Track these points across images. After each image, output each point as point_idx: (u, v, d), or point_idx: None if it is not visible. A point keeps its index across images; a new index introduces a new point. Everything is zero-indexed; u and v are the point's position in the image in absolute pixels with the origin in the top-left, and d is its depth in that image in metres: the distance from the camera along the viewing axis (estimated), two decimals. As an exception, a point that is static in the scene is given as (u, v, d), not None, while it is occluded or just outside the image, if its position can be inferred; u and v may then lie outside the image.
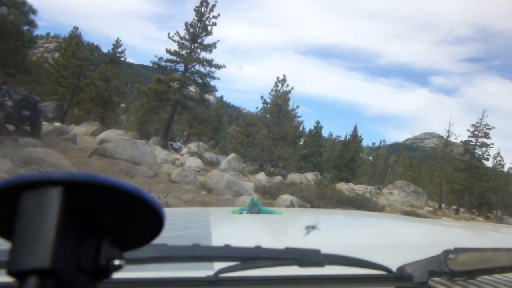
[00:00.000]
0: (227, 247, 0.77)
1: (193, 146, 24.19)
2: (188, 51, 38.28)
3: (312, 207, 10.65)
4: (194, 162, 20.06)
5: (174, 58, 38.17)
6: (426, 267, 0.91)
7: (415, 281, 0.89)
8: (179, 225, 1.62)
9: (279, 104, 30.20)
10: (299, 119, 34.87)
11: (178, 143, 38.23)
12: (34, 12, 15.81)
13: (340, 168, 47.47)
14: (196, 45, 38.46)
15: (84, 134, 29.73)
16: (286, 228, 1.86)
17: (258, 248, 0.78)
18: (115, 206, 0.39)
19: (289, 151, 29.06)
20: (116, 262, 0.41)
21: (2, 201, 0.38)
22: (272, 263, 0.77)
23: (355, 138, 51.61)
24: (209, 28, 38.49)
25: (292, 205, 10.22)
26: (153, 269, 0.85)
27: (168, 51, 37.88)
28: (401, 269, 0.92)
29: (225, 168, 21.42)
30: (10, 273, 0.35)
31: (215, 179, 12.21)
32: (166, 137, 38.23)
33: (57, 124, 30.78)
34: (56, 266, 0.34)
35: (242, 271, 0.79)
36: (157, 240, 0.44)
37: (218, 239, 1.31)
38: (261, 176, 22.22)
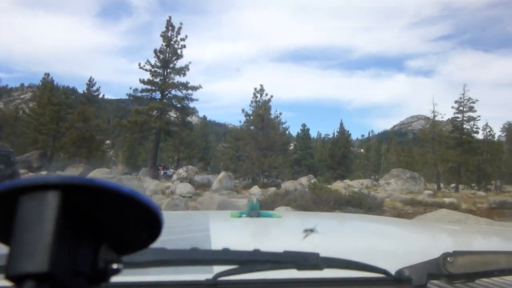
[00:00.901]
0: (226, 250, 0.76)
1: (182, 171, 23.66)
2: (162, 77, 37.98)
3: (309, 214, 10.28)
4: (184, 188, 19.55)
5: (149, 87, 37.84)
6: (425, 270, 0.89)
7: (414, 284, 0.88)
8: (178, 228, 1.62)
9: (261, 114, 29.88)
10: (284, 125, 34.68)
11: (171, 170, 37.60)
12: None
13: (333, 166, 47.20)
14: (168, 70, 38.18)
15: (70, 178, 29.08)
16: (285, 231, 1.83)
17: (257, 251, 0.77)
18: (113, 209, 0.39)
19: (279, 159, 28.66)
20: (114, 265, 0.41)
21: (0, 205, 0.38)
22: (271, 266, 0.77)
23: (343, 134, 51.45)
24: (179, 51, 38.29)
25: (288, 216, 9.84)
26: (151, 272, 0.82)
27: (142, 81, 37.51)
28: (399, 272, 0.90)
29: (217, 188, 20.95)
30: (8, 277, 0.35)
31: (206, 203, 11.78)
32: (155, 166, 37.69)
33: (43, 173, 30.12)
34: (54, 270, 0.34)
35: (241, 275, 0.79)
36: (156, 244, 0.44)
37: (217, 242, 1.27)
38: (255, 190, 21.75)
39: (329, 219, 2.43)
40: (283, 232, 1.82)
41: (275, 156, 28.26)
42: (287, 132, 35.88)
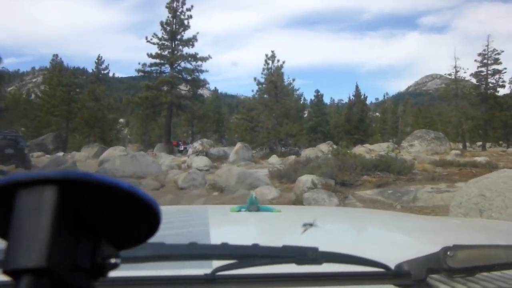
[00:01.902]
0: (225, 245, 0.77)
1: (197, 144, 22.97)
2: (170, 50, 37.20)
3: (336, 183, 9.52)
4: (201, 162, 18.90)
5: (157, 60, 37.14)
6: (425, 264, 0.89)
7: (413, 278, 0.88)
8: (176, 223, 1.62)
9: (274, 81, 28.76)
10: (298, 92, 33.59)
11: (187, 145, 36.87)
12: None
13: (351, 131, 45.97)
14: (176, 42, 37.36)
15: (86, 158, 28.82)
16: (285, 226, 1.79)
17: (255, 246, 0.78)
18: (111, 204, 0.39)
19: (295, 126, 27.72)
20: (113, 260, 0.42)
21: None
22: (270, 261, 0.78)
23: (359, 97, 50.04)
24: (185, 22, 37.36)
25: (314, 185, 9.09)
26: (150, 267, 0.82)
27: (150, 55, 36.76)
28: (399, 266, 0.90)
29: (235, 160, 20.26)
30: (6, 272, 0.35)
31: (224, 176, 11.05)
32: (170, 141, 37.28)
33: (59, 154, 29.94)
34: (51, 265, 0.34)
35: (239, 269, 0.79)
36: (154, 239, 0.44)
37: (216, 237, 1.28)
38: (274, 159, 21.06)
39: (328, 213, 2.40)
40: (282, 226, 1.78)
41: (291, 124, 27.31)
42: (301, 98, 34.83)
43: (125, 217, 0.41)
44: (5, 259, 0.35)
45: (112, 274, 0.42)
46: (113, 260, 0.42)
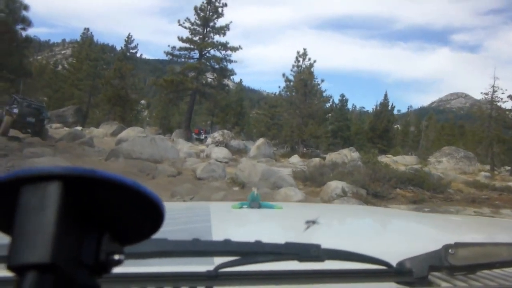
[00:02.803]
0: (227, 241, 0.76)
1: (217, 135, 22.37)
2: (201, 36, 36.76)
3: (368, 193, 8.82)
4: (220, 153, 18.30)
5: (187, 45, 36.71)
6: (426, 262, 0.89)
7: (415, 276, 0.88)
8: (179, 219, 1.61)
9: (304, 79, 27.92)
10: (325, 93, 32.67)
11: (208, 134, 36.24)
12: (26, 8, 14.11)
13: (374, 140, 44.87)
14: (208, 29, 36.88)
15: (103, 135, 28.60)
16: (287, 223, 1.78)
17: (258, 243, 0.77)
18: (115, 200, 0.39)
19: (320, 128, 26.89)
20: (116, 256, 0.42)
21: (2, 196, 0.38)
22: (272, 258, 0.78)
23: (386, 106, 48.85)
24: (219, 9, 36.82)
25: (344, 193, 8.41)
26: (153, 263, 0.83)
27: (181, 39, 36.37)
28: (401, 264, 0.90)
29: (255, 155, 19.58)
30: (10, 268, 0.35)
31: (247, 171, 10.40)
32: (189, 128, 36.85)
33: (78, 128, 29.81)
34: (56, 261, 0.35)
35: (242, 266, 0.79)
36: (157, 235, 0.45)
37: (219, 233, 1.28)
38: (295, 159, 20.36)
39: (330, 211, 2.35)
40: (284, 223, 1.78)
41: (316, 125, 26.49)
42: (330, 100, 33.88)
43: (129, 213, 0.41)
44: (9, 255, 0.35)
45: (116, 270, 0.43)
46: (117, 256, 0.41)
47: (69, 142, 18.94)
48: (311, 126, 25.89)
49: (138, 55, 51.61)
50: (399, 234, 1.64)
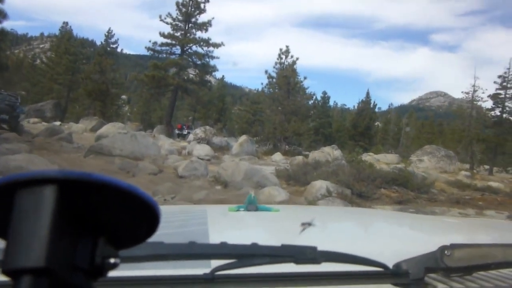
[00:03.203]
0: (223, 244, 0.76)
1: (199, 131, 22.05)
2: (182, 32, 36.32)
3: (352, 193, 8.72)
4: (202, 150, 18.03)
5: (169, 41, 36.26)
6: (422, 263, 0.89)
7: (411, 277, 0.88)
8: (175, 222, 1.62)
9: (287, 76, 27.75)
10: (308, 91, 32.54)
11: (189, 130, 35.78)
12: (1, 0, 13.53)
13: (356, 137, 45.07)
14: (190, 25, 36.47)
15: (83, 131, 27.98)
16: (283, 225, 1.77)
17: (254, 245, 0.77)
18: (110, 204, 0.39)
19: (303, 125, 26.77)
20: (112, 260, 0.42)
21: None
22: (269, 260, 0.77)
23: (368, 104, 49.10)
24: (201, 5, 36.41)
25: (329, 193, 8.28)
26: (149, 267, 0.83)
27: (162, 34, 35.88)
28: (397, 265, 0.91)
29: (238, 152, 19.36)
30: (5, 272, 0.35)
31: (230, 170, 10.19)
32: (170, 124, 36.41)
33: (56, 123, 29.13)
34: (51, 265, 0.34)
35: (238, 269, 0.79)
36: (153, 238, 0.45)
37: (215, 236, 1.29)
38: (278, 157, 20.21)
39: (326, 213, 2.40)
40: (281, 226, 1.75)
41: (299, 122, 26.35)
42: (313, 97, 33.74)
43: (125, 217, 0.41)
44: (4, 259, 0.35)
45: (111, 274, 0.42)
46: (112, 260, 0.41)
47: (46, 138, 18.36)
48: (293, 123, 25.79)
49: (119, 50, 50.81)
50: (395, 236, 1.63)
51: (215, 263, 0.82)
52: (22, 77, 43.98)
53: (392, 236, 1.65)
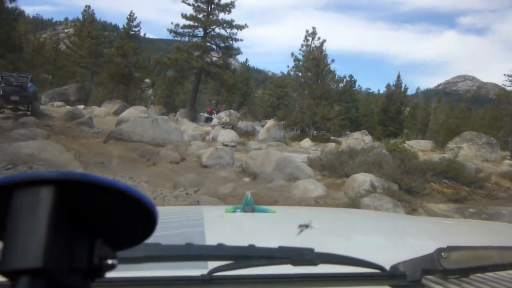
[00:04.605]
0: (220, 246, 0.76)
1: (224, 115, 21.04)
2: (205, 14, 35.15)
3: (400, 188, 7.63)
4: (228, 136, 17.05)
5: (191, 23, 35.21)
6: (419, 265, 0.90)
7: (409, 279, 0.89)
8: (172, 224, 1.61)
9: (316, 58, 26.37)
10: (338, 74, 30.92)
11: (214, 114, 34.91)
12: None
13: (385, 122, 43.43)
14: (213, 6, 35.22)
15: (105, 114, 27.43)
16: (280, 226, 1.77)
17: (251, 247, 0.77)
18: (108, 205, 0.39)
19: (334, 110, 25.44)
20: (109, 261, 0.42)
21: None
22: (266, 262, 0.78)
23: (399, 88, 47.14)
24: (224, -14, 35.11)
25: (373, 188, 7.22)
26: (146, 268, 0.82)
27: (184, 16, 34.80)
28: (394, 267, 0.91)
29: (265, 138, 18.32)
30: (2, 273, 0.36)
31: (260, 159, 9.15)
32: (194, 107, 35.59)
33: (80, 107, 28.72)
34: (48, 266, 0.35)
35: (235, 270, 0.79)
36: (150, 239, 0.45)
37: (212, 238, 1.29)
38: (307, 143, 19.09)
39: (323, 214, 2.31)
40: (278, 227, 1.75)
41: (329, 107, 25.05)
42: (343, 81, 32.16)
43: (122, 218, 0.41)
44: (1, 259, 0.35)
45: (109, 274, 0.43)
46: (109, 261, 0.42)
47: (66, 122, 17.80)
48: (323, 107, 24.48)
49: (142, 34, 50.34)
50: (392, 238, 1.63)
51: (212, 264, 0.81)
52: (45, 60, 43.77)
53: (389, 237, 1.63)
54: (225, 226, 1.73)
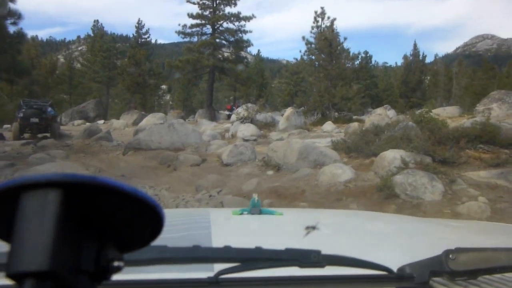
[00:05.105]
0: (227, 248, 0.76)
1: (241, 110, 20.67)
2: (211, 10, 34.80)
3: (434, 160, 7.11)
4: (247, 130, 16.68)
5: (198, 21, 34.94)
6: (427, 267, 0.90)
7: (416, 281, 0.88)
8: (179, 226, 1.61)
9: (328, 38, 25.64)
10: (353, 52, 29.98)
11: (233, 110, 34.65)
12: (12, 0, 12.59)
13: (407, 94, 42.29)
14: (218, 1, 34.82)
15: (124, 126, 27.44)
16: (287, 228, 1.78)
17: (258, 249, 0.77)
18: (115, 207, 0.40)
19: (352, 89, 24.75)
20: (116, 263, 0.42)
21: (2, 204, 0.39)
22: (273, 264, 0.78)
23: (417, 57, 45.77)
24: (227, -22, 34.65)
25: (405, 164, 6.74)
26: (153, 270, 0.81)
27: (191, 16, 34.54)
28: (401, 269, 0.91)
29: (285, 127, 17.87)
30: (9, 276, 0.36)
31: (281, 150, 8.73)
32: (211, 106, 35.39)
33: (100, 122, 28.88)
34: (55, 268, 0.35)
35: (242, 272, 0.80)
36: (157, 242, 0.45)
37: (219, 240, 1.26)
38: (329, 126, 18.54)
39: (330, 216, 2.32)
40: (284, 229, 1.76)
41: (347, 86, 24.36)
42: (358, 57, 31.27)
43: (129, 220, 0.41)
44: (8, 262, 0.36)
45: (116, 277, 0.43)
46: (116, 263, 0.42)
47: (85, 139, 17.78)
48: (341, 87, 23.80)
49: (152, 41, 50.40)
50: (399, 240, 1.60)
51: (219, 266, 0.81)
52: (59, 81, 44.26)
53: (396, 239, 1.60)
54: (232, 228, 1.74)
